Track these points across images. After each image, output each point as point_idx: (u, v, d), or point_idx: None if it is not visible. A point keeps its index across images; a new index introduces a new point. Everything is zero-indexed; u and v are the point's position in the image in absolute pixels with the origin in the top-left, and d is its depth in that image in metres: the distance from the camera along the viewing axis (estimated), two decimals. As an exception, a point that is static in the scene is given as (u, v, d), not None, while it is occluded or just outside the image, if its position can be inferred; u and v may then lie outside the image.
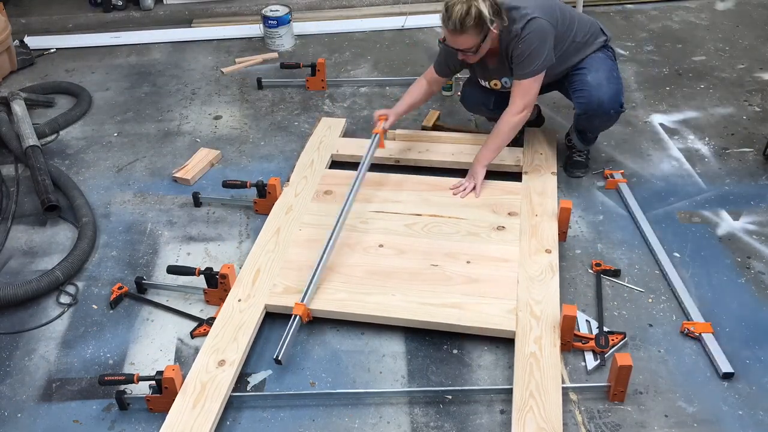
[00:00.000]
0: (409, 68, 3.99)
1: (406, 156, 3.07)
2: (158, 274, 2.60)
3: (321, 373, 2.20)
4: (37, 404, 2.15)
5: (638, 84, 3.76)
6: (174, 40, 4.47)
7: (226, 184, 2.93)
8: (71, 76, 4.06)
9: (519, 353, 2.12)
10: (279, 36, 4.25)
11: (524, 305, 2.28)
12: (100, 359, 2.28)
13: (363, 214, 2.73)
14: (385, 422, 2.05)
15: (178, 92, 3.86)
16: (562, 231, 2.62)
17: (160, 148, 3.37)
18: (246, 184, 2.88)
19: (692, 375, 2.15)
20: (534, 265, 2.43)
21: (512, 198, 2.77)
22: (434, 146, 3.12)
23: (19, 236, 2.83)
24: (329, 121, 3.36)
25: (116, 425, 2.07)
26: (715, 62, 3.95)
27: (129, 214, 2.94)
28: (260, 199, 2.85)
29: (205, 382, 2.06)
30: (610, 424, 2.02)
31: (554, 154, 3.03)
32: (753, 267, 2.55)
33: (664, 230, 2.72)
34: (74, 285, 2.57)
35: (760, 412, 2.04)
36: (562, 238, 2.62)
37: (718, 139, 3.28)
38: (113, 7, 4.78)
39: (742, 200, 2.87)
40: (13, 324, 2.43)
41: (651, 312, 2.38)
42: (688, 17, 4.52)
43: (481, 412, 2.06)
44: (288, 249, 2.55)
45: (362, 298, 2.34)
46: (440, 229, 2.63)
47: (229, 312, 2.30)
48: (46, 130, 3.45)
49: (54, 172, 3.07)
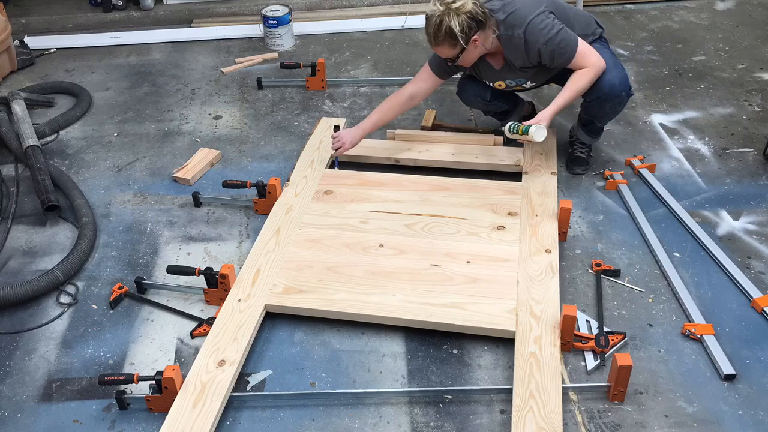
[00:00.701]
0: (409, 68, 3.99)
1: (406, 156, 3.07)
2: (158, 274, 2.60)
3: (321, 373, 2.20)
4: (37, 404, 2.15)
5: (638, 84, 3.76)
6: (174, 40, 4.47)
7: (226, 184, 2.93)
8: (71, 76, 4.06)
9: (519, 353, 2.12)
10: (279, 36, 4.25)
11: (524, 305, 2.28)
12: (100, 359, 2.28)
13: (363, 214, 2.73)
14: (385, 422, 2.05)
15: (178, 92, 3.86)
16: (562, 231, 2.62)
17: (160, 148, 3.37)
18: (246, 184, 2.88)
19: (692, 375, 2.15)
20: (534, 265, 2.43)
21: (512, 198, 2.77)
22: (434, 146, 3.12)
23: (19, 236, 2.83)
24: (329, 121, 3.37)
25: (116, 425, 2.07)
26: (715, 62, 3.95)
27: (129, 214, 2.94)
28: (260, 199, 2.85)
29: (205, 382, 2.05)
30: (610, 424, 2.02)
31: (554, 154, 3.03)
32: (753, 267, 2.55)
33: (664, 230, 2.72)
34: (74, 285, 2.57)
35: (760, 412, 2.04)
36: (562, 239, 2.62)
37: (718, 139, 3.28)
38: (113, 7, 4.78)
39: (742, 200, 2.87)
40: (13, 324, 2.43)
41: (651, 312, 2.38)
42: (688, 17, 4.52)
43: (481, 412, 2.07)
44: (288, 249, 2.55)
45: (362, 298, 2.34)
46: (440, 229, 2.63)
47: (229, 312, 2.30)
48: (46, 130, 3.45)
49: (54, 172, 3.08)
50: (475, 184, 2.86)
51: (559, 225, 2.60)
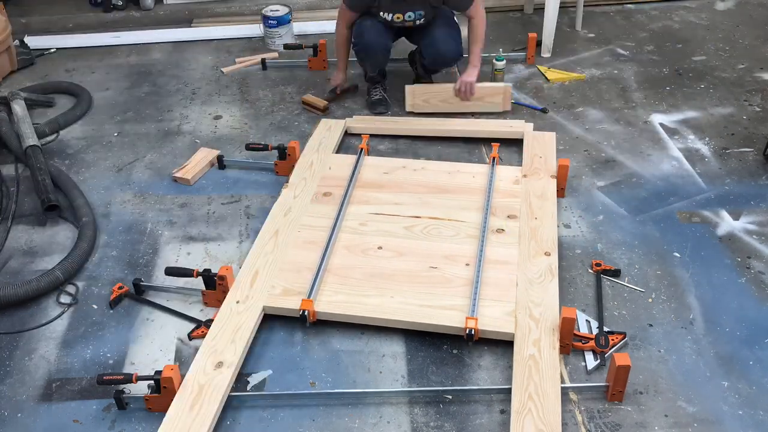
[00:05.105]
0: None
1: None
2: (158, 274, 2.60)
3: (321, 373, 2.21)
4: (37, 404, 2.15)
5: (638, 84, 3.75)
6: (174, 40, 4.47)
7: (248, 146, 3.18)
8: (71, 76, 4.06)
9: (518, 355, 2.12)
10: (279, 36, 4.25)
11: (523, 308, 2.27)
12: (100, 359, 2.28)
13: (362, 216, 2.73)
14: (385, 422, 2.05)
15: (178, 92, 3.86)
16: (561, 188, 2.87)
17: (160, 148, 3.37)
18: (268, 147, 3.12)
19: (692, 375, 2.15)
20: (533, 268, 2.43)
21: (511, 201, 2.77)
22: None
23: (19, 236, 2.83)
24: (329, 123, 3.37)
25: (116, 425, 2.07)
26: (715, 62, 3.95)
27: (129, 214, 2.94)
28: (280, 161, 3.08)
29: (203, 384, 2.05)
30: (610, 424, 2.02)
31: (554, 157, 3.02)
32: (753, 267, 2.54)
33: (664, 230, 2.72)
34: (74, 285, 2.57)
35: (760, 412, 2.04)
36: (560, 195, 2.87)
37: (718, 139, 3.28)
38: (113, 7, 4.78)
39: (742, 200, 2.87)
40: (13, 324, 2.43)
41: (651, 312, 2.38)
42: (688, 17, 4.52)
43: (481, 412, 2.07)
44: (287, 251, 2.55)
45: (361, 300, 2.34)
46: (439, 232, 2.63)
47: (227, 314, 2.29)
48: (46, 130, 3.45)
49: (54, 172, 3.07)
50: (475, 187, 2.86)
51: (558, 181, 2.85)
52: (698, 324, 2.32)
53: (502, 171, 2.96)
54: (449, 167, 3.02)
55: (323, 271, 2.43)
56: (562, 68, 3.92)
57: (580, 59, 4.04)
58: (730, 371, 2.16)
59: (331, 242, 2.55)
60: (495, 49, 3.93)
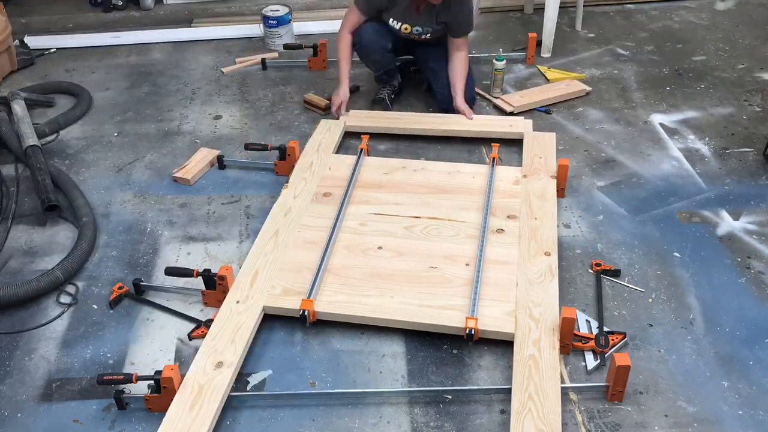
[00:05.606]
0: (409, 68, 3.99)
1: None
2: (158, 274, 2.60)
3: (321, 373, 2.20)
4: (37, 404, 2.15)
5: (638, 84, 3.76)
6: (174, 40, 4.47)
7: (248, 146, 3.17)
8: (71, 76, 4.06)
9: (518, 356, 2.12)
10: (279, 36, 4.25)
11: (523, 308, 2.27)
12: (100, 359, 2.28)
13: (362, 216, 2.73)
14: (385, 422, 2.05)
15: (178, 92, 3.86)
16: (560, 188, 2.88)
17: (160, 148, 3.37)
18: (267, 147, 3.11)
19: (692, 375, 2.15)
20: (533, 268, 2.43)
21: (511, 201, 2.77)
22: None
23: (19, 236, 2.83)
24: (329, 123, 3.37)
25: (116, 425, 2.07)
26: (715, 62, 3.95)
27: (129, 214, 2.94)
28: (280, 161, 3.07)
29: (203, 384, 2.05)
30: (610, 424, 2.02)
31: (554, 158, 3.02)
32: (753, 267, 2.55)
33: (664, 230, 2.72)
34: (74, 285, 2.57)
35: (760, 412, 2.04)
36: (560, 195, 2.88)
37: (718, 139, 3.28)
38: (113, 7, 4.78)
39: (742, 200, 2.87)
40: (13, 324, 2.43)
41: (651, 312, 2.38)
42: (688, 17, 4.52)
43: (481, 412, 2.07)
44: (287, 251, 2.55)
45: (361, 300, 2.34)
46: (439, 232, 2.63)
47: (227, 314, 2.29)
48: (46, 130, 3.45)
49: (54, 172, 3.07)
50: (475, 187, 2.86)
51: (558, 182, 2.85)
52: (698, 324, 2.32)
53: (502, 171, 2.96)
54: (449, 167, 3.02)
55: (323, 271, 2.43)
56: (562, 68, 3.92)
57: (580, 59, 4.05)
58: (730, 371, 2.16)
59: (331, 242, 2.55)
60: (495, 49, 3.94)
